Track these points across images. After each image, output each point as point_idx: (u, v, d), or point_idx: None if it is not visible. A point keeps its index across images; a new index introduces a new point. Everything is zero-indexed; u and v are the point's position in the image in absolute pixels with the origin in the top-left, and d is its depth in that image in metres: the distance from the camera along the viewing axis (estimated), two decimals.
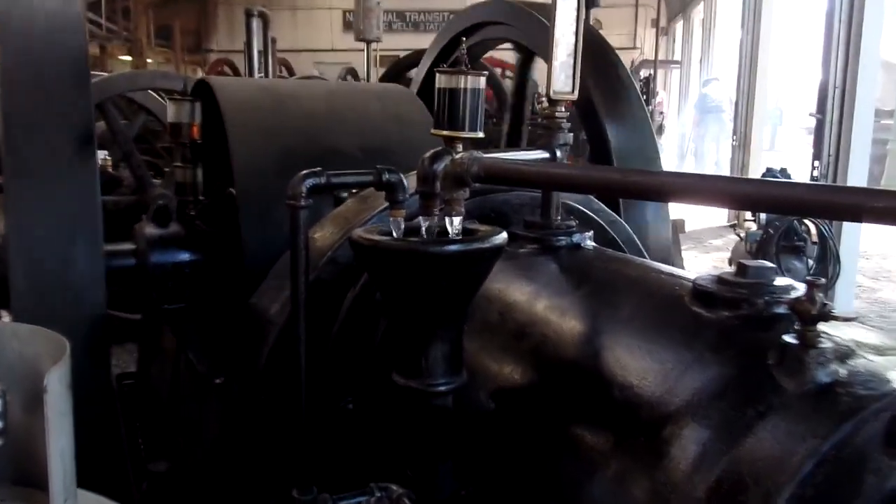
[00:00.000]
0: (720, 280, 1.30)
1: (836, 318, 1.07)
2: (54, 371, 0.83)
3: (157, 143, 8.56)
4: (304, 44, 26.46)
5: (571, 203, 2.12)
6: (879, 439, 0.99)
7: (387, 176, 1.50)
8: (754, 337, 1.19)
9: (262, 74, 6.91)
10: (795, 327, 1.10)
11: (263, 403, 1.88)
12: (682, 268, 7.61)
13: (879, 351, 1.12)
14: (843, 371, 1.06)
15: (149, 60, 21.02)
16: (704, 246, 11.82)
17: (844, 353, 1.08)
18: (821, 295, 1.09)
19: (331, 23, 28.03)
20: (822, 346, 1.07)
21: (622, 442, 1.21)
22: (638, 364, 1.27)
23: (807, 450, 0.96)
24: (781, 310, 1.23)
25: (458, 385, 1.40)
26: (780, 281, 1.28)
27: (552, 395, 1.40)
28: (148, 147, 8.58)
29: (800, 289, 1.24)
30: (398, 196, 1.49)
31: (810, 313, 1.07)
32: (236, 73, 20.08)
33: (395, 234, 1.40)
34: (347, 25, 26.18)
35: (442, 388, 1.38)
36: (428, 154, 1.40)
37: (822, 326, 1.08)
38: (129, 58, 20.47)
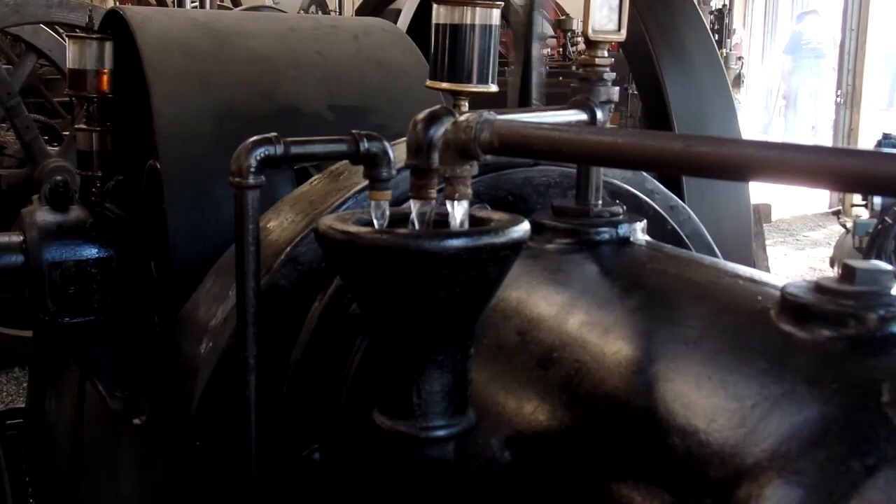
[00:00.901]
0: (818, 288, 1.31)
1: None
2: None
3: (54, 96, 8.61)
4: None
5: (618, 182, 2.13)
6: None
7: (366, 144, 1.51)
8: (864, 365, 1.19)
9: (197, 3, 6.93)
10: None
11: (198, 452, 1.90)
12: (767, 269, 7.64)
13: None
14: None
15: None
16: (798, 240, 11.85)
17: None
18: None
19: None
20: None
21: None
22: (706, 401, 1.28)
23: None
24: None
25: (462, 429, 1.41)
26: None
27: (589, 444, 1.41)
28: (41, 102, 8.62)
29: None
30: (381, 172, 1.49)
31: None
32: (161, 1, 20.15)
33: (376, 223, 1.41)
34: None
35: (440, 434, 1.38)
36: (422, 115, 1.40)
37: None
38: None
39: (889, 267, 1.32)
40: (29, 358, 3.80)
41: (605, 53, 1.89)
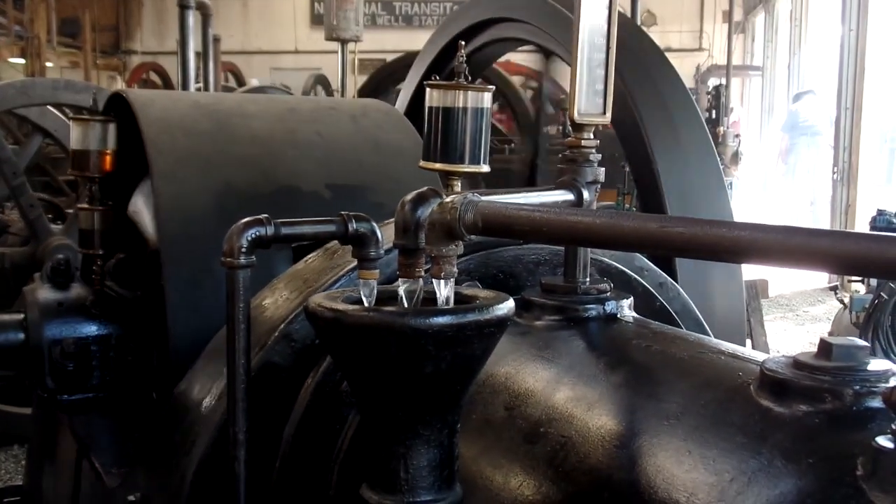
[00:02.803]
0: (796, 364, 1.33)
1: None
2: None
3: (59, 175, 8.71)
4: (260, 44, 26.94)
5: (607, 260, 2.16)
6: None
7: (354, 225, 1.55)
8: (840, 439, 1.21)
9: (201, 85, 7.05)
10: (893, 427, 1.13)
11: None
12: (766, 345, 7.59)
13: None
14: None
15: (49, 65, 21.36)
16: (798, 315, 11.85)
17: None
18: None
19: (294, 16, 28.55)
20: None
21: None
22: (687, 475, 1.30)
23: None
24: (877, 403, 1.26)
25: (450, 503, 1.43)
26: (875, 364, 1.31)
27: None
28: (46, 181, 8.72)
29: None
30: (370, 252, 1.53)
31: None
32: (167, 81, 20.51)
33: (365, 301, 1.44)
34: (317, 20, 26.68)
35: None
36: (409, 197, 1.44)
37: None
38: (21, 60, 20.81)
39: (864, 343, 1.35)
40: (27, 435, 3.79)
41: (591, 135, 1.94)
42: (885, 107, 14.56)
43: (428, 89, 2.00)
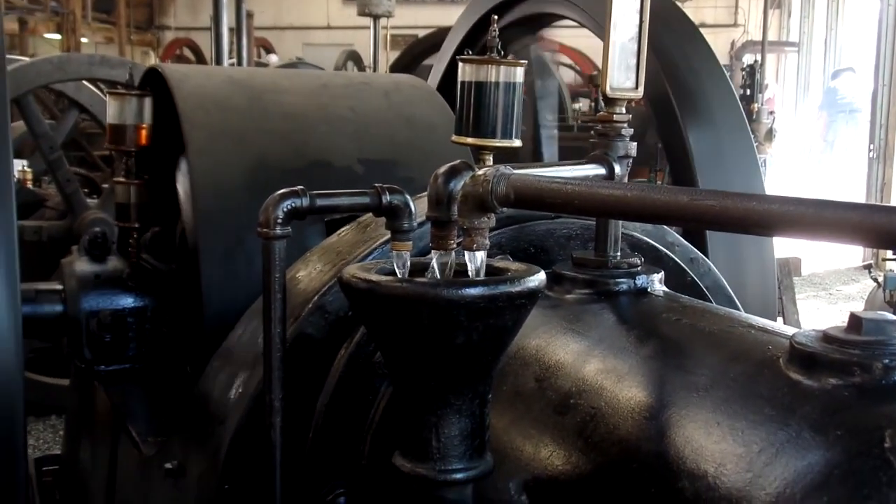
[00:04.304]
0: (826, 337, 1.34)
1: None
2: None
3: (94, 150, 8.79)
4: (291, 20, 26.94)
5: (637, 235, 2.18)
6: None
7: (388, 198, 1.57)
8: (868, 412, 1.22)
9: (234, 60, 7.09)
10: None
11: (228, 496, 1.94)
12: (798, 323, 7.56)
13: None
14: None
15: (84, 40, 21.52)
16: (831, 294, 11.77)
17: None
18: None
19: None
20: None
21: None
22: (715, 446, 1.31)
23: None
24: None
25: (480, 472, 1.45)
26: None
27: (603, 487, 1.44)
28: (81, 156, 8.80)
29: None
30: (403, 224, 1.55)
31: None
32: (200, 56, 20.60)
33: (398, 272, 1.46)
34: None
35: (458, 476, 1.42)
36: (442, 169, 1.46)
37: None
38: (57, 36, 20.97)
39: (894, 317, 1.36)
40: (65, 406, 3.86)
41: (623, 110, 1.95)
42: None
43: (460, 64, 2.01)
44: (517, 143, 2.06)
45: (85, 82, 6.54)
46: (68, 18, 20.34)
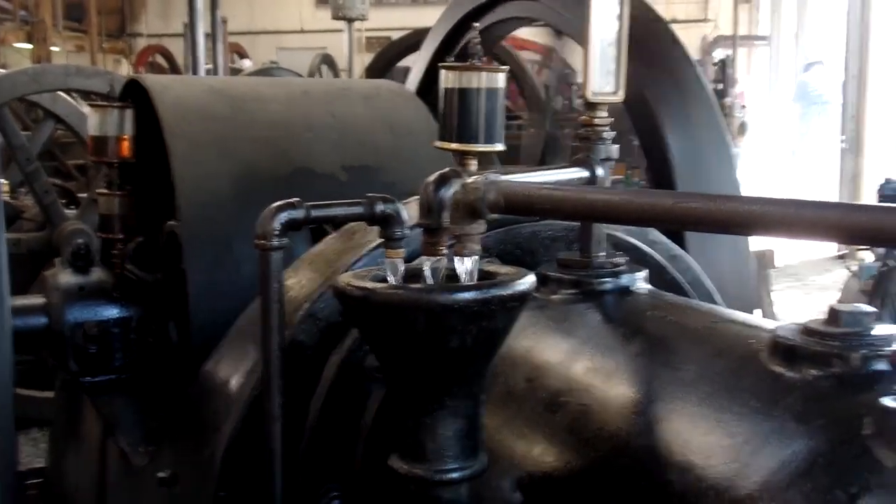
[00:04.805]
0: (806, 331, 1.39)
1: None
2: None
3: (67, 159, 8.75)
4: (264, 24, 26.87)
5: (620, 235, 2.22)
6: None
7: (381, 207, 1.61)
8: (848, 402, 1.28)
9: (210, 66, 7.10)
10: None
11: (223, 502, 1.97)
12: (772, 314, 7.63)
13: None
14: None
15: (55, 49, 21.39)
16: (805, 284, 11.88)
17: None
18: None
19: None
20: None
21: None
22: (703, 439, 1.36)
23: None
24: (883, 366, 1.32)
25: (474, 472, 1.49)
26: (881, 329, 1.37)
27: (594, 482, 1.49)
28: (55, 166, 8.76)
29: None
30: (395, 232, 1.60)
31: None
32: (172, 63, 20.48)
33: (391, 279, 1.50)
34: (321, 0, 26.66)
35: (454, 476, 1.46)
36: (432, 177, 1.50)
37: None
38: (27, 45, 20.83)
39: (871, 309, 1.41)
40: (48, 419, 3.86)
41: (605, 114, 1.99)
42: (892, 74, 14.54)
43: (443, 71, 2.05)
44: (500, 147, 2.09)
45: (60, 93, 6.51)
46: (39, 27, 20.20)
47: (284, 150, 2.73)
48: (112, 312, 2.89)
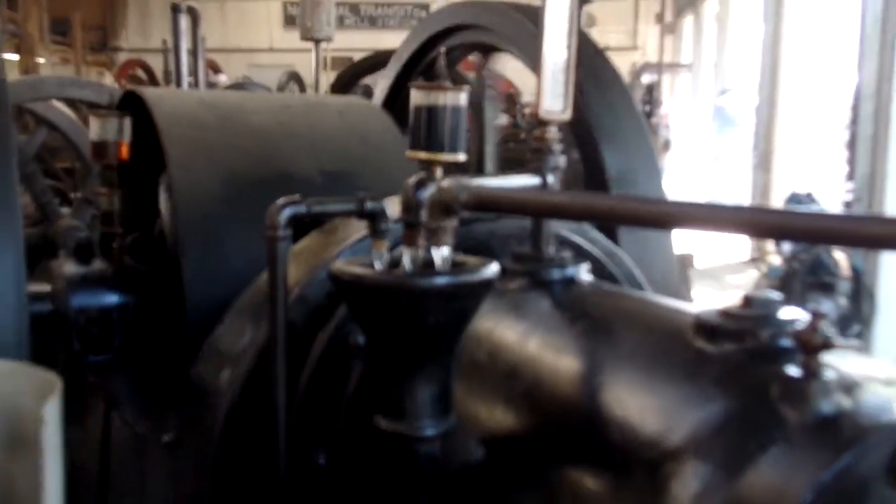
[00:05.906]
0: (724, 313, 1.51)
1: (839, 348, 1.29)
2: (50, 404, 1.01)
3: (57, 162, 8.70)
4: (237, 42, 26.78)
5: (565, 233, 2.33)
6: (882, 469, 1.21)
7: (369, 204, 1.71)
8: (758, 370, 1.39)
9: (192, 80, 7.12)
10: (799, 359, 1.31)
11: (223, 465, 2.05)
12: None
13: (888, 383, 1.35)
14: (846, 402, 1.27)
15: (41, 60, 21.08)
16: (721, 284, 12.16)
17: (849, 385, 1.30)
18: (825, 325, 1.31)
19: (269, 17, 28.45)
20: (826, 377, 1.29)
21: (623, 484, 1.41)
22: (638, 402, 1.48)
23: (807, 479, 1.17)
24: (787, 342, 1.44)
25: (447, 429, 1.60)
26: (786, 313, 1.50)
27: (547, 439, 1.61)
28: (45, 168, 8.70)
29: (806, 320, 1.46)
30: (381, 225, 1.70)
31: (812, 343, 1.29)
32: (152, 77, 20.33)
33: (377, 266, 1.61)
34: (289, 20, 26.65)
35: (430, 433, 1.57)
36: (412, 180, 1.61)
37: (834, 360, 1.29)
38: (15, 56, 20.52)
39: (778, 296, 1.54)
40: None
41: (555, 129, 2.11)
42: (800, 101, 14.88)
43: (412, 90, 2.15)
44: (462, 157, 2.20)
45: (54, 101, 6.52)
46: (27, 40, 19.92)
47: (267, 157, 2.78)
48: (112, 299, 2.93)
